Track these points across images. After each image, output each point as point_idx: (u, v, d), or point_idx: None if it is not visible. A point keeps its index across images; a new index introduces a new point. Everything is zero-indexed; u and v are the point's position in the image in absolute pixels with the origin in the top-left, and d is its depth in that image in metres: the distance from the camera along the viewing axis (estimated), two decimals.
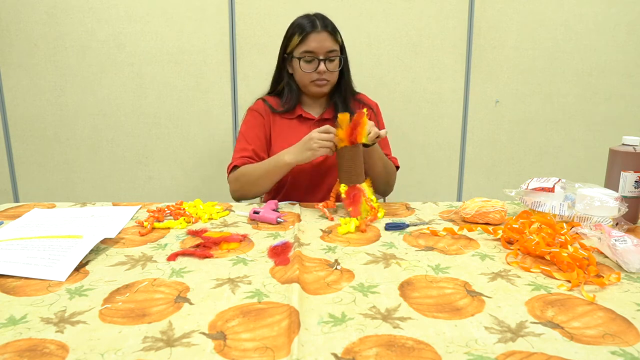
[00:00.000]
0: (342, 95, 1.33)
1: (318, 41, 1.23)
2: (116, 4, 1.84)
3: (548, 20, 1.98)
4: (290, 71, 1.32)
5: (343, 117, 1.05)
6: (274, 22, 1.88)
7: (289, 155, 1.14)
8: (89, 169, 1.99)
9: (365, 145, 1.13)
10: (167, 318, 0.60)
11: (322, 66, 1.24)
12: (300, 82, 1.30)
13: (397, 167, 1.37)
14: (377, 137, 1.10)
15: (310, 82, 1.27)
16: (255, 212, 1.04)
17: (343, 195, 1.06)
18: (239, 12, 1.87)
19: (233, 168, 1.28)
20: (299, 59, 1.25)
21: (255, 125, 1.33)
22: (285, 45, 1.29)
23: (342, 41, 1.31)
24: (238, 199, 1.30)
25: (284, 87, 1.33)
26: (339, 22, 1.31)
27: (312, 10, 1.31)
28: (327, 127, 1.09)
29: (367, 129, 1.07)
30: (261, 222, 1.03)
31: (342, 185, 1.08)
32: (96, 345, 0.53)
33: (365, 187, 1.08)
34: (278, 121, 1.33)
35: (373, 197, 1.09)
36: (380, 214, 1.07)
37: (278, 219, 1.02)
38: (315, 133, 1.09)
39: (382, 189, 1.35)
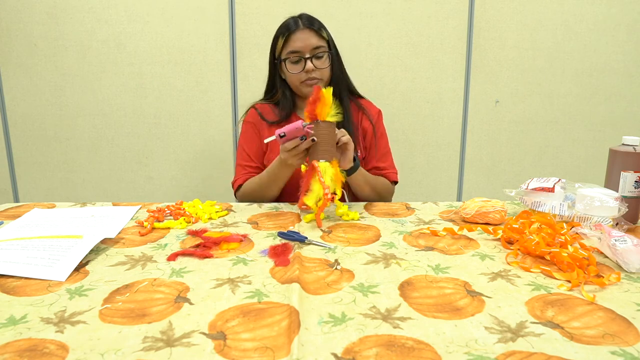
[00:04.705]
0: (338, 95, 1.26)
1: (302, 40, 1.20)
2: (116, 4, 1.84)
3: (548, 20, 1.98)
4: (282, 76, 1.29)
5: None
6: (274, 22, 1.85)
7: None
8: (89, 169, 1.99)
9: (348, 172, 1.12)
10: (167, 318, 0.60)
11: (309, 64, 1.21)
12: (292, 85, 1.27)
13: (396, 182, 1.35)
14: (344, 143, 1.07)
15: (301, 83, 1.24)
16: (281, 136, 1.02)
17: (303, 172, 1.02)
18: (239, 12, 1.87)
19: (239, 187, 1.30)
20: (286, 60, 1.22)
21: (252, 139, 1.32)
22: (273, 50, 1.27)
23: (330, 38, 1.27)
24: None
25: (280, 95, 1.30)
26: (339, 22, 1.31)
27: (312, 10, 1.31)
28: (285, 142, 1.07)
29: (330, 110, 1.03)
30: (291, 137, 1.01)
31: (325, 163, 1.01)
32: (96, 345, 0.53)
33: (328, 168, 1.01)
34: (273, 129, 1.30)
35: (333, 182, 1.01)
36: (350, 217, 1.05)
37: (304, 126, 0.99)
38: (282, 154, 1.07)
39: (377, 200, 1.34)
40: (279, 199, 1.31)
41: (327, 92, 1.01)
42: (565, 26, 1.99)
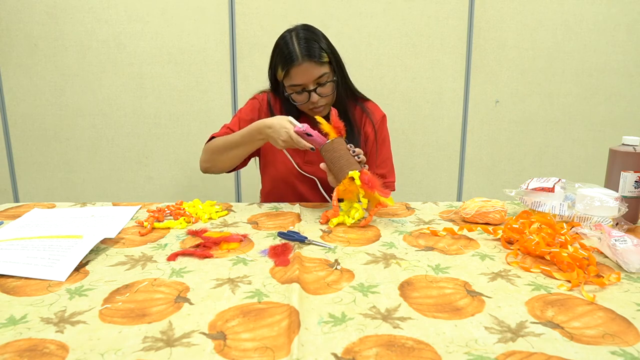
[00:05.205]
0: (342, 105, 1.25)
1: (303, 74, 1.15)
2: (116, 4, 1.84)
3: (548, 20, 1.98)
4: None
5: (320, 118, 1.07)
6: (274, 22, 1.88)
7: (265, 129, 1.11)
8: (89, 169, 1.99)
9: None
10: (167, 318, 0.60)
11: (314, 97, 1.17)
12: (299, 108, 1.25)
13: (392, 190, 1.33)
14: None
15: (308, 110, 1.22)
16: (308, 134, 1.04)
17: (358, 182, 0.98)
18: (239, 12, 1.87)
19: (211, 138, 1.26)
20: (290, 93, 1.19)
21: (251, 114, 1.28)
22: (273, 71, 1.23)
23: (331, 51, 1.20)
24: (205, 170, 1.28)
25: (283, 99, 1.26)
26: (340, 22, 1.29)
27: (312, 10, 1.31)
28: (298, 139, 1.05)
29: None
30: (309, 142, 1.04)
31: (354, 172, 0.99)
32: (96, 345, 0.54)
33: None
34: None
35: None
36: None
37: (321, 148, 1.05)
38: (284, 133, 1.06)
39: None
40: (275, 197, 1.31)
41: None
42: (565, 26, 1.99)
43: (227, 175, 2.01)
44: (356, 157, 1.05)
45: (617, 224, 0.94)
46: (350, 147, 1.06)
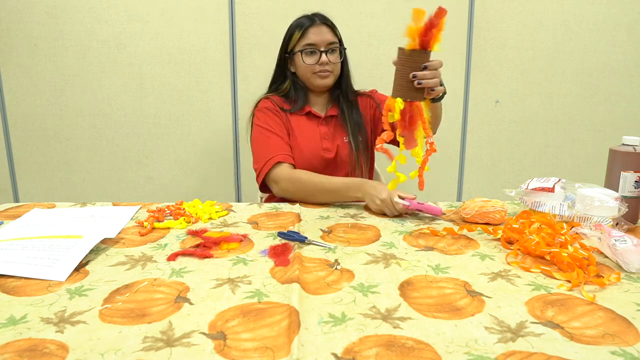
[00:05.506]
0: (344, 90, 1.36)
1: (318, 34, 1.28)
2: (116, 4, 1.84)
3: (548, 20, 1.98)
4: (292, 70, 1.34)
5: (418, 12, 0.84)
6: (274, 22, 1.88)
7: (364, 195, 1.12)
8: (89, 169, 1.99)
9: (433, 100, 0.96)
10: (167, 318, 0.60)
11: (323, 57, 1.28)
12: (304, 76, 1.32)
13: None
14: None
15: (313, 74, 1.30)
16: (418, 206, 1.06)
17: (397, 116, 0.87)
18: (239, 12, 1.87)
19: (277, 164, 1.22)
20: (301, 51, 1.28)
21: (277, 121, 1.30)
22: (285, 45, 1.33)
23: (341, 38, 1.34)
24: (282, 196, 1.24)
25: (290, 87, 1.35)
26: (339, 21, 1.32)
27: (312, 9, 1.32)
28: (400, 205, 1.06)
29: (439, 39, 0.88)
30: (425, 212, 1.07)
31: (398, 100, 0.87)
32: (96, 345, 0.54)
33: (424, 107, 0.89)
34: (289, 118, 1.34)
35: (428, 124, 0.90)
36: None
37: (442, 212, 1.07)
38: (389, 207, 1.07)
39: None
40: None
41: (444, 18, 0.86)
42: (565, 26, 1.99)
43: (227, 176, 2.01)
44: (416, 82, 0.90)
45: (617, 224, 0.94)
46: (426, 66, 0.93)
